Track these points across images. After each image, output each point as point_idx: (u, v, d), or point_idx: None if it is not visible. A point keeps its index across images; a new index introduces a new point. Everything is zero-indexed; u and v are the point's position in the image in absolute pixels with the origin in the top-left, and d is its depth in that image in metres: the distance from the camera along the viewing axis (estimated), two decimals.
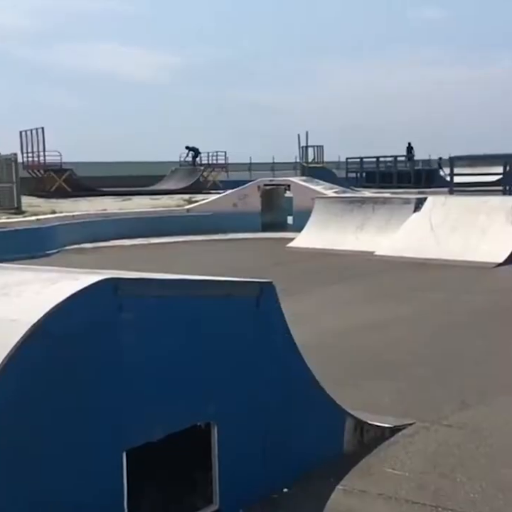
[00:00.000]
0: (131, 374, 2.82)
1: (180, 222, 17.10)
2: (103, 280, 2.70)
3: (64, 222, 15.48)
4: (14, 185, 19.04)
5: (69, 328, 2.60)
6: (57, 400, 2.57)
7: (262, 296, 3.47)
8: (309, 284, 9.73)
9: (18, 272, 3.16)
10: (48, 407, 2.54)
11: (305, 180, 18.88)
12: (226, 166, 37.94)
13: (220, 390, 3.23)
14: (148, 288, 2.92)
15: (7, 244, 12.70)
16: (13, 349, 2.36)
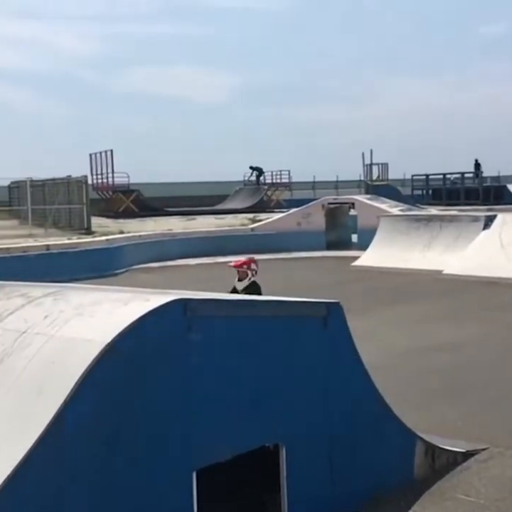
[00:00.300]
0: (199, 394, 2.84)
1: (245, 241, 17.20)
2: (173, 301, 2.74)
3: (131, 242, 15.81)
4: (84, 206, 19.57)
5: (140, 348, 2.64)
6: (128, 417, 2.62)
7: (329, 317, 3.45)
8: (375, 303, 9.61)
9: (91, 293, 3.24)
10: (121, 424, 2.59)
11: (370, 199, 18.72)
12: (290, 184, 38.00)
13: (287, 411, 3.21)
14: (216, 308, 2.95)
15: (78, 264, 13.08)
16: (88, 368, 2.42)
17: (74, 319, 2.76)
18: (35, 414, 2.37)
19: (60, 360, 2.53)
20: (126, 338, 2.56)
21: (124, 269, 14.11)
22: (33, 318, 2.83)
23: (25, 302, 3.02)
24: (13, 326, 2.79)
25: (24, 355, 2.59)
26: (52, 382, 2.44)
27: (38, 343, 2.62)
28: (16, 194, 29.32)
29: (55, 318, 2.77)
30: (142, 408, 2.66)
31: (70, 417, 2.38)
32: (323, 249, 16.77)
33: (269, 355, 3.11)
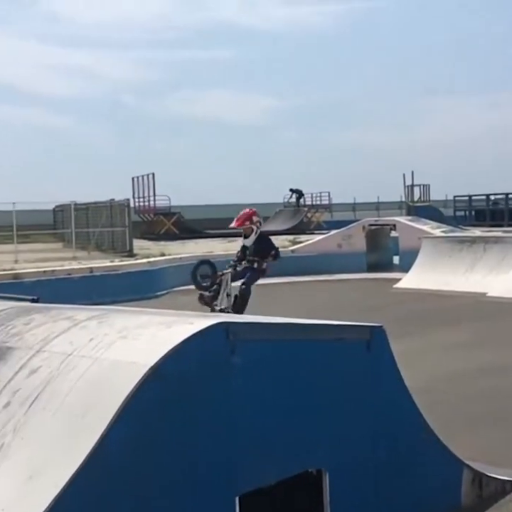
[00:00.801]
0: (242, 418, 2.83)
1: (285, 263, 17.13)
2: (216, 324, 2.75)
3: (172, 264, 15.94)
4: (127, 229, 19.87)
5: (183, 371, 2.65)
6: (171, 440, 2.62)
7: (372, 340, 3.41)
8: (418, 326, 9.47)
9: (135, 316, 3.27)
10: (164, 446, 2.60)
11: (411, 220, 18.56)
12: (330, 206, 37.97)
13: (331, 436, 3.18)
14: (260, 332, 2.95)
15: (120, 286, 13.24)
16: (132, 390, 2.43)
17: (118, 342, 2.79)
18: (81, 436, 2.39)
19: (105, 383, 2.55)
20: (169, 361, 2.58)
21: (165, 291, 14.22)
22: (79, 341, 2.86)
23: (70, 325, 3.06)
24: (59, 349, 2.84)
25: (70, 377, 2.62)
26: (97, 405, 2.47)
27: (84, 366, 2.65)
28: (60, 217, 29.95)
29: (100, 341, 2.81)
30: (185, 431, 2.66)
31: (114, 440, 2.40)
32: (364, 271, 16.64)
33: (312, 378, 3.09)
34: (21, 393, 2.66)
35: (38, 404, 2.57)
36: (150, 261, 15.90)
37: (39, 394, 2.61)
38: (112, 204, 21.92)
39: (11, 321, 3.28)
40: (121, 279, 13.96)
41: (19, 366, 2.80)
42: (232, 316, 3.17)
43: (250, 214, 6.49)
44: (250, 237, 6.17)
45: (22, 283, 12.90)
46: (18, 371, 2.77)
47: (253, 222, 6.24)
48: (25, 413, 2.56)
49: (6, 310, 3.52)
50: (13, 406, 2.61)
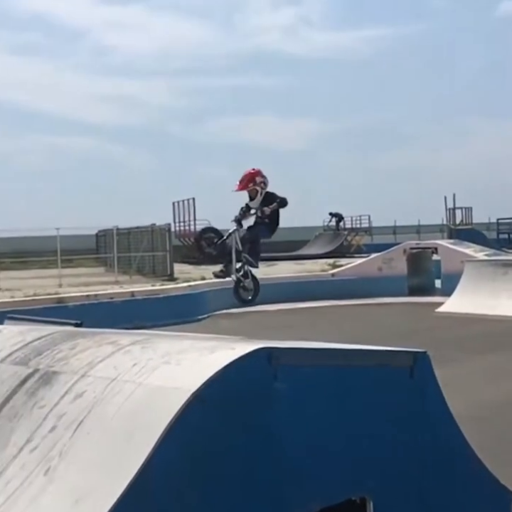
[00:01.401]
0: (285, 444, 2.82)
1: (325, 286, 17.13)
2: (258, 349, 2.75)
3: (213, 288, 16.03)
4: (168, 253, 20.08)
5: (225, 397, 2.66)
6: (213, 466, 2.62)
7: (416, 366, 3.36)
8: (462, 352, 9.30)
9: (178, 341, 3.30)
10: (206, 473, 2.59)
11: (453, 243, 18.34)
12: (370, 229, 37.79)
13: (374, 463, 3.13)
14: (302, 357, 2.94)
15: (162, 310, 13.36)
16: (175, 415, 2.45)
17: (161, 367, 2.81)
18: (125, 461, 2.41)
19: (148, 408, 2.57)
20: (212, 387, 2.59)
21: (206, 315, 14.30)
22: (122, 366, 2.90)
23: (114, 350, 3.10)
24: (103, 374, 2.87)
25: (114, 402, 2.65)
26: (140, 430, 2.49)
27: (127, 391, 2.67)
28: (103, 242, 30.44)
29: (143, 366, 2.83)
30: (227, 457, 2.66)
31: (157, 465, 2.41)
32: (405, 294, 16.48)
33: (355, 405, 3.06)
34: (67, 417, 2.69)
35: (83, 429, 2.61)
36: (191, 285, 16.03)
37: (84, 418, 2.64)
38: (154, 229, 22.20)
39: (56, 346, 3.34)
40: (163, 303, 14.09)
41: (65, 390, 2.84)
42: (274, 341, 3.16)
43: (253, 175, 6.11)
44: (256, 199, 5.80)
45: (66, 307, 13.13)
46: (63, 395, 2.81)
47: (257, 184, 5.86)
48: (70, 437, 2.59)
49: (51, 334, 3.59)
50: (58, 430, 2.65)
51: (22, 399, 2.94)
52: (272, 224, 6.64)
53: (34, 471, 2.51)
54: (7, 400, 2.99)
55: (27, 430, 2.74)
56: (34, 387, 2.98)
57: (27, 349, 3.38)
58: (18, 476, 2.54)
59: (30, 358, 3.25)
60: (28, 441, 2.68)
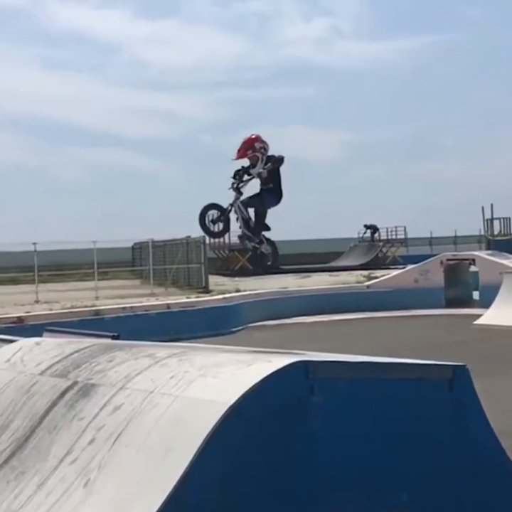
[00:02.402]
0: (321, 458, 2.80)
1: (361, 298, 17.02)
2: (295, 362, 2.74)
3: (247, 300, 16.06)
4: (202, 265, 20.18)
5: (263, 410, 2.65)
6: (250, 479, 2.61)
7: (455, 380, 3.31)
8: (501, 364, 9.14)
9: (215, 354, 3.31)
10: (243, 487, 2.59)
11: (491, 254, 18.07)
12: (405, 240, 37.42)
13: (412, 478, 3.09)
14: (339, 370, 2.92)
15: (197, 322, 13.41)
16: (213, 428, 2.45)
17: (198, 380, 2.82)
18: (162, 475, 2.42)
19: (186, 421, 2.58)
20: (248, 400, 2.58)
21: (241, 327, 14.31)
22: (160, 379, 2.91)
23: (151, 362, 3.12)
24: (141, 386, 2.89)
25: (151, 415, 2.67)
26: (178, 443, 2.50)
27: (165, 404, 2.69)
28: (138, 255, 30.73)
29: (180, 379, 2.84)
30: (263, 471, 2.65)
31: (195, 478, 2.41)
32: (442, 306, 16.27)
33: (393, 419, 3.02)
34: (105, 430, 2.72)
35: (121, 441, 2.62)
36: (225, 297, 16.07)
37: (122, 431, 2.66)
38: (188, 241, 22.34)
39: (94, 358, 3.37)
40: (197, 315, 14.15)
41: (103, 403, 2.87)
42: (310, 354, 3.15)
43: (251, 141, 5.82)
44: (257, 165, 5.54)
45: (102, 319, 13.28)
46: (102, 408, 2.84)
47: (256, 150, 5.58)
48: (109, 450, 2.61)
49: (90, 347, 3.63)
50: (97, 442, 2.67)
51: (61, 411, 2.98)
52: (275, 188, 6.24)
53: (74, 483, 2.54)
54: (47, 411, 3.03)
55: (67, 442, 2.77)
56: (73, 399, 3.01)
57: (66, 362, 3.43)
58: (58, 487, 2.56)
59: (69, 370, 3.29)
60: (68, 453, 2.71)
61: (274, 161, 5.94)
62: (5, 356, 3.79)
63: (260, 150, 5.61)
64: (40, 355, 3.64)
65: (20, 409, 3.17)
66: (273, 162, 5.97)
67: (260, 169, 5.60)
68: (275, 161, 5.96)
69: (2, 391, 3.37)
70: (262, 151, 5.59)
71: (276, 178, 6.22)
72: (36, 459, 2.79)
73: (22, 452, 2.87)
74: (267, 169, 5.96)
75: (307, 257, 34.05)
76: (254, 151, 5.60)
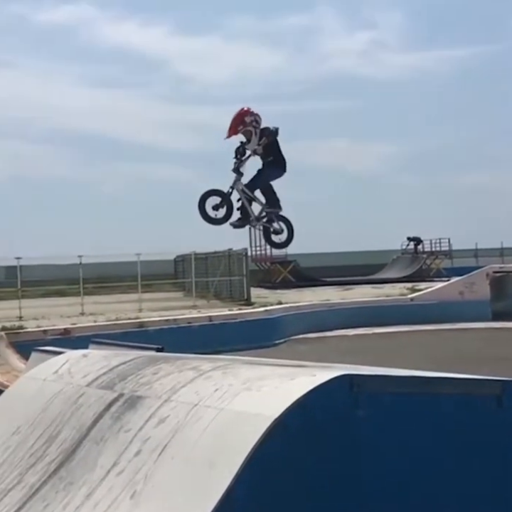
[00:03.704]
0: (366, 472, 2.77)
1: (404, 311, 16.82)
2: (340, 376, 2.73)
3: (289, 312, 16.03)
4: (244, 278, 20.23)
5: (307, 424, 2.64)
6: (295, 493, 2.61)
7: (504, 395, 3.25)
8: None
9: (259, 367, 3.31)
10: (287, 500, 2.58)
11: None
12: (450, 252, 36.87)
13: (458, 495, 3.04)
14: (385, 384, 2.89)
15: (239, 335, 13.44)
16: (257, 442, 2.45)
17: (242, 393, 2.83)
18: (208, 487, 2.43)
19: (230, 434, 2.59)
20: (293, 413, 2.58)
21: (283, 340, 14.28)
22: (204, 391, 2.93)
23: (196, 375, 3.14)
24: (185, 399, 2.91)
25: (196, 427, 2.68)
26: (223, 456, 2.50)
27: (210, 416, 2.70)
28: (180, 267, 30.98)
29: (225, 392, 2.86)
30: (308, 485, 2.64)
31: (240, 491, 2.42)
32: (488, 319, 15.97)
33: (439, 435, 2.98)
34: (151, 442, 2.74)
35: (166, 453, 2.65)
36: (267, 309, 16.06)
37: (168, 443, 2.68)
38: (230, 253, 22.44)
39: (140, 370, 3.41)
40: (240, 328, 14.18)
41: (149, 415, 2.90)
42: (354, 367, 3.13)
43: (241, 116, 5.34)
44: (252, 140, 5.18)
45: (146, 331, 13.41)
46: (147, 420, 2.87)
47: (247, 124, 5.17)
48: (154, 462, 2.63)
49: (135, 359, 3.67)
50: (143, 454, 2.70)
51: (108, 422, 3.02)
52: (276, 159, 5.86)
53: (121, 494, 2.57)
54: (94, 423, 3.08)
55: (113, 453, 2.81)
56: (119, 411, 3.05)
57: (112, 374, 3.48)
58: (105, 498, 2.59)
59: (115, 382, 3.34)
60: (115, 464, 2.74)
61: (267, 134, 5.65)
62: (53, 368, 3.87)
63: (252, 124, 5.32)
64: (87, 367, 3.70)
65: (68, 420, 3.23)
66: (267, 136, 5.67)
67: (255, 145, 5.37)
68: (269, 135, 5.67)
69: (50, 402, 3.44)
70: (254, 124, 5.30)
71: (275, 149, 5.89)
72: (84, 469, 2.83)
73: (70, 463, 2.92)
74: (262, 144, 5.66)
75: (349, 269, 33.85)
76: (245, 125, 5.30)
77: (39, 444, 3.18)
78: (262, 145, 5.68)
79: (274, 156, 5.87)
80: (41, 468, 2.99)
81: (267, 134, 5.72)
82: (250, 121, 5.18)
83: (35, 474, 2.97)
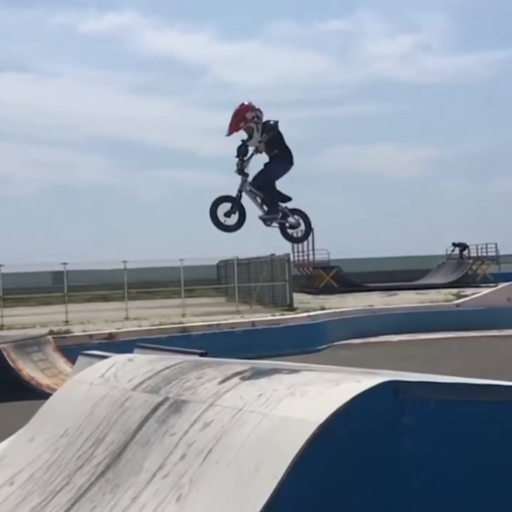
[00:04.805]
0: (412, 481, 2.74)
1: (450, 317, 16.56)
2: (385, 382, 2.70)
3: (332, 318, 15.94)
4: (287, 283, 20.21)
5: (352, 430, 2.63)
6: (339, 500, 2.59)
7: None
8: None
9: (303, 372, 3.31)
10: (334, 507, 2.57)
11: None
12: (497, 258, 36.17)
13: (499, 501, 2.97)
14: (430, 391, 2.85)
15: (282, 340, 13.43)
16: (302, 448, 2.45)
17: (286, 399, 2.82)
18: (252, 492, 2.43)
19: (275, 439, 2.59)
20: (338, 419, 2.57)
21: (326, 345, 14.21)
22: (248, 396, 2.94)
23: (240, 380, 3.15)
24: (230, 404, 2.93)
25: (241, 432, 2.69)
26: (267, 462, 2.50)
27: (254, 421, 2.71)
28: (223, 272, 31.14)
29: (269, 397, 2.86)
30: (353, 492, 2.62)
31: (285, 497, 2.41)
32: None
33: (485, 442, 2.92)
34: (196, 446, 2.76)
35: (211, 458, 2.66)
36: (310, 315, 16.01)
37: (212, 447, 2.70)
38: (273, 259, 22.45)
39: (184, 375, 3.44)
40: (282, 333, 14.17)
41: (193, 419, 2.92)
42: (400, 374, 3.10)
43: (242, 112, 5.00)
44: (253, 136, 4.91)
45: (189, 336, 13.50)
46: (192, 424, 2.89)
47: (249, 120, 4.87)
48: (200, 465, 2.65)
49: (179, 364, 3.70)
50: (189, 458, 2.72)
51: (153, 426, 3.05)
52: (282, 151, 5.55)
53: (167, 497, 2.59)
54: (140, 426, 3.11)
55: (159, 457, 2.83)
56: (165, 414, 3.08)
57: (157, 378, 3.51)
58: (151, 501, 2.62)
59: (160, 386, 3.37)
60: (160, 467, 2.77)
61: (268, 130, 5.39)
62: (99, 372, 3.93)
63: (253, 120, 5.04)
64: (132, 371, 3.75)
65: (114, 423, 3.27)
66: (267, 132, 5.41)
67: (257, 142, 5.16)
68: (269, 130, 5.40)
69: (97, 405, 3.49)
70: (255, 120, 5.02)
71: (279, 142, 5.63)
72: (130, 472, 2.87)
73: (116, 465, 2.96)
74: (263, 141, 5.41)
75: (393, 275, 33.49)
76: (247, 122, 5.03)
77: (86, 446, 3.23)
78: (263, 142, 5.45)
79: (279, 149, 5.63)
80: (88, 470, 3.03)
81: (267, 130, 5.48)
82: (252, 117, 5.00)
83: (82, 476, 3.01)
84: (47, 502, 2.97)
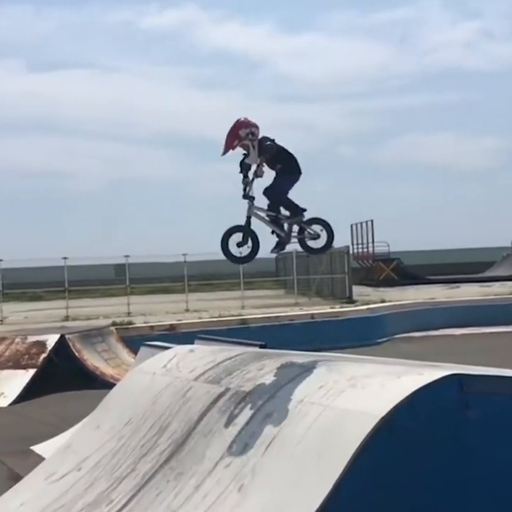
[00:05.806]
0: (474, 475, 2.69)
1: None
2: (448, 376, 2.66)
3: (393, 311, 15.72)
4: (346, 275, 20.06)
5: (414, 423, 2.60)
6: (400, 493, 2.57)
7: None
8: None
9: (363, 364, 3.28)
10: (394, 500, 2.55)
11: None
12: None
13: None
14: (496, 385, 2.79)
15: (341, 333, 13.35)
16: (363, 440, 2.44)
17: (347, 390, 2.81)
18: (314, 483, 2.43)
19: (336, 431, 2.58)
20: (400, 413, 2.54)
21: (386, 338, 14.04)
22: (309, 388, 2.94)
23: (300, 372, 3.16)
24: (290, 395, 2.93)
25: (302, 424, 2.70)
26: (328, 453, 2.50)
27: (315, 413, 2.71)
28: (282, 265, 31.15)
29: (330, 389, 2.85)
30: (415, 485, 2.59)
31: (346, 489, 2.41)
32: None
33: None
34: (257, 436, 2.78)
35: (273, 448, 2.67)
36: (370, 307, 15.83)
37: (274, 438, 2.71)
38: (332, 251, 22.29)
39: (245, 366, 3.47)
40: (342, 326, 14.07)
41: (255, 410, 2.94)
42: (463, 367, 3.04)
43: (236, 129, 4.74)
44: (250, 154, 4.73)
45: (248, 328, 13.57)
46: (254, 415, 2.91)
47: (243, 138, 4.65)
48: (261, 456, 2.67)
49: (240, 355, 3.73)
50: (250, 448, 2.74)
51: (215, 416, 3.09)
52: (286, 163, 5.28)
53: (229, 486, 2.62)
54: (201, 416, 3.15)
55: (221, 447, 2.87)
56: (226, 405, 3.11)
57: (218, 369, 3.55)
58: (214, 490, 2.66)
59: (221, 377, 3.41)
60: (222, 457, 2.80)
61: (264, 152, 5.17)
62: (161, 362, 4.00)
63: (248, 137, 4.81)
64: (194, 362, 3.80)
65: (176, 412, 3.33)
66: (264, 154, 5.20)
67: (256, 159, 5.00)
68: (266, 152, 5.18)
69: (160, 395, 3.56)
70: (250, 137, 4.79)
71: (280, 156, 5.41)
72: (193, 461, 2.91)
73: (180, 454, 3.01)
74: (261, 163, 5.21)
75: (456, 267, 32.76)
76: (241, 139, 4.82)
77: (150, 434, 3.30)
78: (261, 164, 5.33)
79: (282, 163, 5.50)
80: (153, 458, 3.10)
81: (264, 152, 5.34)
82: (246, 135, 4.81)
83: (147, 463, 3.08)
84: (113, 488, 3.05)
